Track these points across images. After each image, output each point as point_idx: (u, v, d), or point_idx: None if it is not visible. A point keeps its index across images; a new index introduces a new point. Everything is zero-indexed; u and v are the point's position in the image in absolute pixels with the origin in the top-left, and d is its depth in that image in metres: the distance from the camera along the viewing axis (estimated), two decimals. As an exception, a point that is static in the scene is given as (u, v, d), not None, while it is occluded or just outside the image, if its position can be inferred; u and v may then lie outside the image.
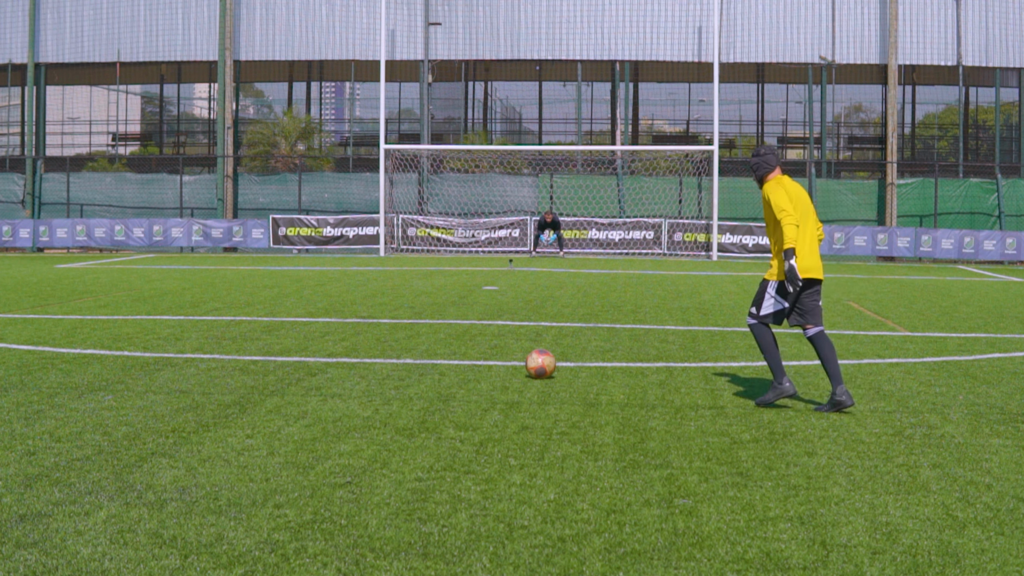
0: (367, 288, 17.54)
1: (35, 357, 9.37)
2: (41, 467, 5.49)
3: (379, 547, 4.28)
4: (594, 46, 32.46)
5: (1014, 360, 9.93)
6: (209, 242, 31.20)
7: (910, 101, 40.47)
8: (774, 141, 46.55)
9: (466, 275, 21.31)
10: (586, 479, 5.38)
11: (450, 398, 7.61)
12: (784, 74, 36.13)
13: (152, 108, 50.56)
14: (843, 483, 5.37)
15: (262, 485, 5.19)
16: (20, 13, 33.80)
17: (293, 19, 33.02)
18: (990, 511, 4.90)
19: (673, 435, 6.45)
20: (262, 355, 9.62)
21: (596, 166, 33.90)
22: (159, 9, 33.36)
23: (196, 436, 6.27)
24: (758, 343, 7.53)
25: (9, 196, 33.63)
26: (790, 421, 6.93)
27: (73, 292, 16.53)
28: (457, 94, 38.37)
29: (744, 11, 31.93)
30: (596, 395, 7.82)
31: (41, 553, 4.15)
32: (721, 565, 4.14)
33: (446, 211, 31.97)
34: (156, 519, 4.61)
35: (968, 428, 6.76)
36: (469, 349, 10.18)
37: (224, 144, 33.19)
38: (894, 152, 31.79)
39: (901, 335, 11.86)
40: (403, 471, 5.50)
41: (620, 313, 13.85)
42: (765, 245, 29.87)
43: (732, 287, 18.79)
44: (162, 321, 12.40)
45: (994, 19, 31.49)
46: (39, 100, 34.39)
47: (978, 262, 29.40)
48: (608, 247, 30.46)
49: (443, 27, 32.64)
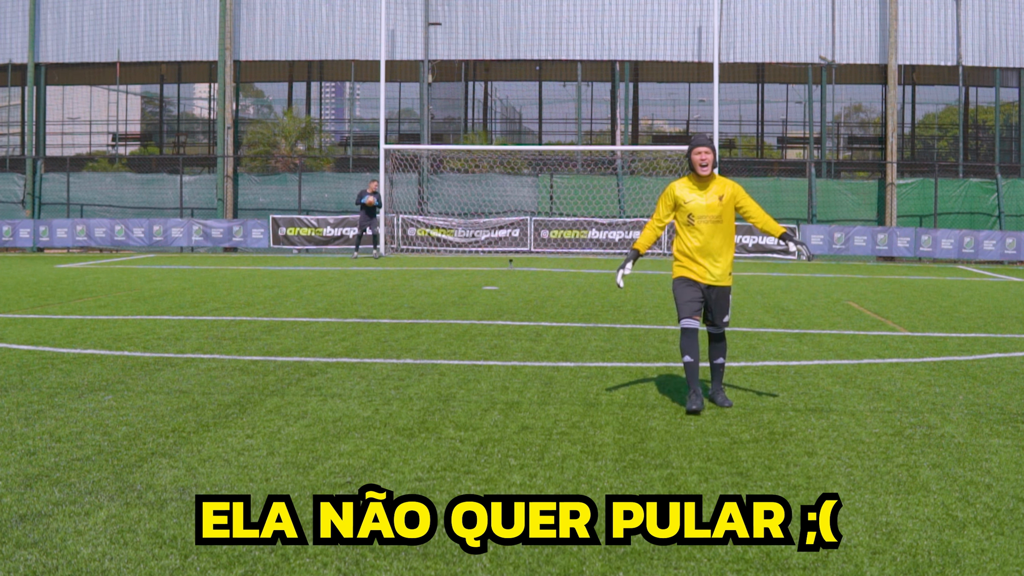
0: (367, 288, 17.54)
1: (35, 357, 9.37)
2: (41, 467, 5.49)
3: (379, 547, 4.28)
4: (594, 46, 32.47)
5: (1014, 360, 9.93)
6: (209, 242, 31.20)
7: (910, 101, 40.47)
8: (774, 141, 46.59)
9: (466, 275, 21.30)
10: (586, 479, 5.38)
11: (450, 398, 7.61)
12: (784, 74, 36.13)
13: (152, 108, 50.55)
14: (843, 483, 5.37)
15: (262, 485, 5.19)
16: (20, 13, 33.80)
17: (293, 19, 33.01)
18: (990, 511, 4.90)
19: (673, 435, 6.45)
20: (262, 355, 9.62)
21: (596, 166, 33.90)
22: (159, 9, 33.36)
23: (196, 436, 6.27)
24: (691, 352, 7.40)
25: (9, 196, 33.63)
26: (790, 421, 6.93)
27: (73, 292, 16.53)
28: (457, 94, 38.36)
29: (744, 11, 31.93)
30: (596, 395, 7.82)
31: (41, 553, 4.15)
32: (721, 565, 4.14)
33: (446, 211, 31.97)
34: (156, 519, 4.61)
35: (968, 428, 6.76)
36: (469, 349, 10.18)
37: (224, 144, 33.19)
38: (894, 152, 31.79)
39: (901, 335, 11.86)
40: (403, 471, 5.50)
41: (620, 313, 13.85)
42: (765, 245, 29.89)
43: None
44: (162, 321, 12.39)
45: (994, 19, 31.49)
46: (39, 100, 34.39)
47: (978, 262, 29.39)
48: (608, 247, 30.45)
49: (443, 27, 32.64)
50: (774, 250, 29.82)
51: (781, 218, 31.38)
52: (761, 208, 7.56)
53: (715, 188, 7.40)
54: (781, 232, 7.47)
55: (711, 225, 7.35)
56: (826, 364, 9.48)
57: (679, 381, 8.49)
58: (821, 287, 19.16)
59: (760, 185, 32.41)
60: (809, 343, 10.97)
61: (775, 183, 32.47)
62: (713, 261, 7.37)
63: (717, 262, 7.38)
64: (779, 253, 29.78)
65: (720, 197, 7.36)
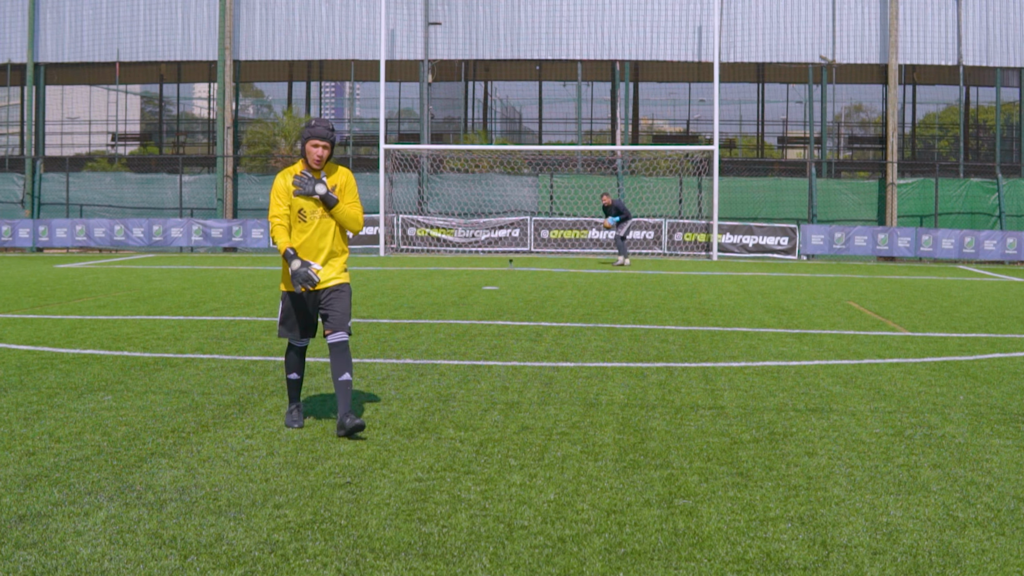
0: (367, 288, 17.53)
1: (35, 357, 9.37)
2: (40, 467, 5.49)
3: (379, 547, 4.28)
4: (594, 46, 32.46)
5: (1015, 360, 9.92)
6: (209, 242, 31.19)
7: (910, 101, 40.46)
8: (774, 141, 46.58)
9: (466, 275, 21.30)
10: (586, 479, 5.37)
11: (450, 398, 7.60)
12: (784, 74, 36.12)
13: (152, 108, 50.55)
14: (843, 483, 5.36)
15: (262, 485, 5.19)
16: (20, 13, 33.79)
17: (293, 19, 33.01)
18: (991, 511, 4.89)
19: (673, 435, 6.45)
20: (262, 355, 9.61)
21: (596, 166, 33.89)
22: (159, 9, 33.35)
23: (196, 436, 6.26)
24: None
25: (9, 196, 33.62)
26: (790, 421, 6.92)
27: (73, 292, 16.52)
28: (457, 94, 38.35)
29: (744, 11, 31.92)
30: (596, 395, 7.81)
31: (41, 553, 4.15)
32: (721, 565, 4.13)
33: (446, 211, 31.96)
34: (156, 519, 4.61)
35: (969, 428, 6.76)
36: (469, 349, 10.18)
37: (224, 144, 33.18)
38: (894, 152, 31.78)
39: (902, 335, 11.85)
40: (403, 471, 5.50)
41: (620, 313, 13.84)
42: (766, 245, 29.89)
43: (732, 287, 18.79)
44: (162, 321, 12.39)
45: (994, 19, 31.48)
46: (39, 100, 34.38)
47: (979, 262, 29.39)
48: (608, 247, 30.43)
49: (443, 27, 32.63)
50: (775, 250, 29.81)
51: (782, 218, 31.41)
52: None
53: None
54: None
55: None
56: (826, 364, 9.47)
57: (679, 381, 8.48)
58: (821, 287, 19.16)
59: (760, 185, 32.42)
60: (809, 343, 10.96)
61: (775, 183, 32.47)
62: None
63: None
64: (779, 253, 29.77)
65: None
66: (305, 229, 6.43)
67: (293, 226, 6.43)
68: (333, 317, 6.38)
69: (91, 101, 46.08)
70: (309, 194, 6.36)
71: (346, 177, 6.53)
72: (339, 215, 6.48)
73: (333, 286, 6.47)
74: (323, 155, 6.39)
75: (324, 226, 6.46)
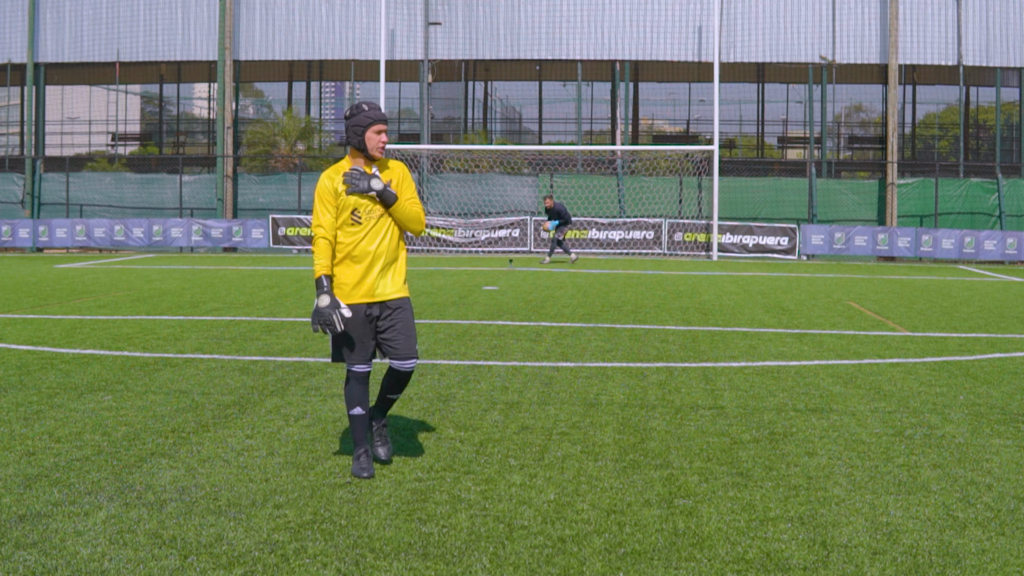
0: (367, 288, 17.51)
1: (35, 357, 9.37)
2: (40, 467, 5.48)
3: (379, 547, 4.28)
4: (594, 46, 32.46)
5: (1015, 360, 9.92)
6: (209, 242, 31.19)
7: (910, 101, 40.46)
8: (774, 141, 46.58)
9: (466, 275, 21.29)
10: (586, 479, 5.37)
11: (450, 398, 7.60)
12: (784, 74, 36.11)
13: (152, 108, 50.54)
14: (843, 483, 5.36)
15: (262, 485, 5.19)
16: (20, 13, 33.79)
17: (293, 19, 33.01)
18: (991, 511, 4.89)
19: (673, 435, 6.44)
20: (262, 355, 9.61)
21: (596, 166, 33.89)
22: (159, 9, 33.35)
23: (196, 436, 6.26)
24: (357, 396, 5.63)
25: (9, 196, 33.62)
26: (790, 421, 6.92)
27: (73, 292, 16.52)
28: (457, 94, 38.36)
29: (744, 11, 31.92)
30: (596, 395, 7.81)
31: (41, 553, 4.15)
32: (721, 565, 4.13)
33: (446, 211, 31.95)
34: (156, 519, 4.60)
35: (969, 428, 6.75)
36: (469, 349, 10.17)
37: (224, 144, 33.18)
38: (894, 152, 31.78)
39: (902, 335, 11.85)
40: (403, 471, 5.50)
41: (620, 313, 13.84)
42: (766, 245, 29.88)
43: (732, 287, 18.78)
44: (162, 321, 12.39)
45: (994, 19, 31.48)
46: (39, 100, 34.38)
47: (979, 262, 29.39)
48: (608, 247, 30.44)
49: (443, 27, 32.63)
50: (775, 250, 29.81)
51: (782, 218, 31.41)
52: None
53: None
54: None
55: None
56: (826, 364, 9.47)
57: (679, 381, 8.48)
58: (821, 287, 19.15)
59: (760, 185, 32.41)
60: (809, 343, 10.96)
61: (775, 183, 32.46)
62: None
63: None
64: (779, 253, 29.76)
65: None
66: (359, 232, 5.46)
67: (343, 229, 5.46)
68: (398, 342, 5.62)
69: (91, 101, 46.07)
70: (364, 191, 5.40)
71: (402, 171, 5.62)
72: (399, 213, 5.51)
73: (395, 302, 5.66)
74: (386, 143, 5.54)
75: (380, 228, 5.51)
